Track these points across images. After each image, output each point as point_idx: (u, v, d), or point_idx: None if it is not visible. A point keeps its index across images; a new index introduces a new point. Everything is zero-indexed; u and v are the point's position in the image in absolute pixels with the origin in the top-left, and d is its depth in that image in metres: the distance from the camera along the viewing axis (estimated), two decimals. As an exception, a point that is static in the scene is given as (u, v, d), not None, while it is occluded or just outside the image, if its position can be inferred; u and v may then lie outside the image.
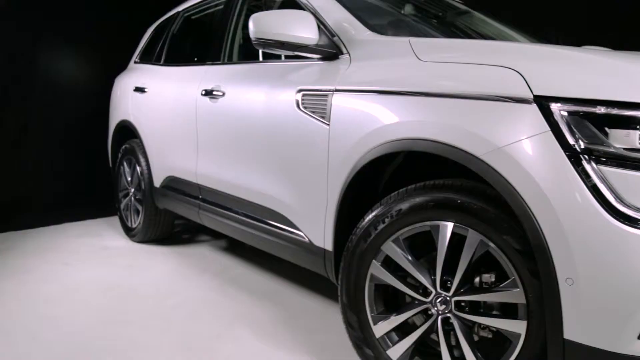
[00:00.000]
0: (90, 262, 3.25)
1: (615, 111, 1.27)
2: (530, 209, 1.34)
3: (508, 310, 1.55)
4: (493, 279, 1.57)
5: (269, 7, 2.78)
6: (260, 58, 2.81)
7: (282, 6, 2.52)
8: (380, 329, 1.73)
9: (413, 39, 1.81)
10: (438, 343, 1.65)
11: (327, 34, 2.09)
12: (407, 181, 1.72)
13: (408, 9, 2.65)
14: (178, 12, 3.58)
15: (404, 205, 1.64)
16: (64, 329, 2.30)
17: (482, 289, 1.57)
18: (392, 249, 1.68)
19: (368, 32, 2.01)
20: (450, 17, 2.85)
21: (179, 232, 4.03)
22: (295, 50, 2.04)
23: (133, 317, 2.42)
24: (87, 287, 2.82)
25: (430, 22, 2.68)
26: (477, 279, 1.59)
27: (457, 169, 1.56)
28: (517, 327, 1.49)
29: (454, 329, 1.61)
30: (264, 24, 2.00)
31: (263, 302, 2.62)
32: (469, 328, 1.60)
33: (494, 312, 1.59)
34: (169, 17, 3.69)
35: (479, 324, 1.61)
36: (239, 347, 2.13)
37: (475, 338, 1.65)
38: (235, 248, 3.55)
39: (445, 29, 2.65)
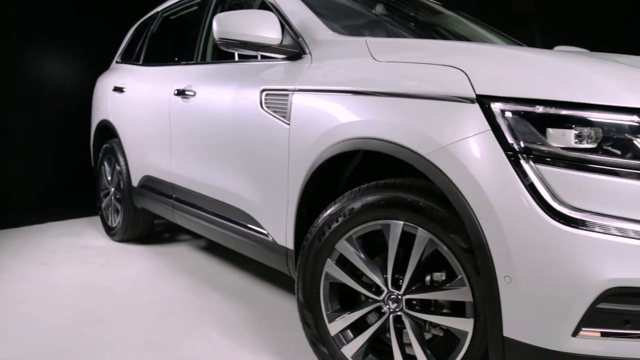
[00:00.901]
0: (69, 262, 3.26)
1: (552, 110, 1.28)
2: (471, 208, 1.35)
3: (458, 309, 1.56)
4: (444, 278, 1.58)
5: (241, 7, 2.78)
6: (236, 58, 2.82)
7: (254, 7, 2.53)
8: (335, 327, 1.74)
9: (370, 39, 1.82)
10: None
11: (291, 35, 2.11)
12: (370, 181, 1.73)
13: (379, 9, 2.66)
14: (157, 12, 3.59)
15: (357, 204, 1.65)
16: (33, 327, 2.31)
17: (433, 287, 1.58)
18: (346, 248, 1.69)
19: (330, 32, 2.02)
20: (422, 17, 2.85)
21: (159, 232, 4.04)
22: (258, 50, 2.05)
23: (104, 316, 2.44)
24: (62, 286, 2.83)
25: (400, 22, 2.69)
26: (428, 278, 1.60)
27: (415, 168, 1.56)
28: (465, 325, 1.50)
29: (406, 327, 1.62)
30: (227, 24, 2.01)
31: (234, 300, 2.63)
32: (420, 326, 1.62)
33: (444, 311, 1.60)
34: (149, 17, 3.70)
35: (430, 322, 1.62)
36: (204, 346, 2.14)
37: (428, 336, 1.67)
38: (214, 247, 3.56)
39: (415, 29, 2.66)
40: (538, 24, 3.99)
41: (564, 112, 1.27)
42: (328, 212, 1.73)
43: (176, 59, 3.02)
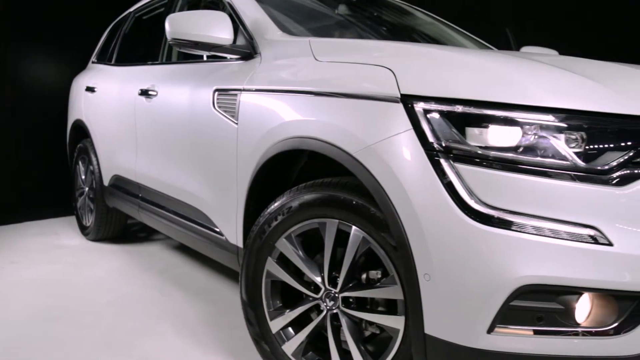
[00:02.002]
0: (39, 260, 3.28)
1: (471, 110, 1.29)
2: (394, 206, 1.36)
3: (392, 307, 1.57)
4: (379, 276, 1.59)
5: (205, 7, 2.79)
6: (205, 58, 2.83)
7: (212, 7, 2.54)
8: (276, 324, 1.75)
9: (313, 39, 1.83)
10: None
11: (244, 35, 2.12)
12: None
13: (342, 9, 2.68)
14: (130, 12, 3.61)
15: (294, 203, 1.67)
16: (-9, 325, 2.33)
17: (367, 285, 1.59)
18: (285, 246, 1.70)
19: (279, 33, 2.03)
20: (387, 18, 2.87)
21: (135, 231, 4.05)
22: (210, 50, 2.07)
23: (64, 314, 2.45)
24: (27, 285, 2.84)
25: (363, 22, 2.70)
26: (364, 276, 1.62)
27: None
28: (396, 322, 1.51)
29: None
30: (179, 24, 2.02)
31: (197, 299, 2.65)
32: (356, 324, 1.63)
33: (380, 309, 1.61)
34: (123, 17, 3.72)
35: (367, 320, 1.63)
36: (159, 344, 2.15)
37: (367, 333, 1.68)
38: (185, 247, 3.55)
39: (377, 30, 2.67)
40: (511, 29, 4.01)
41: (482, 111, 1.28)
42: (268, 210, 1.74)
43: (142, 59, 3.03)
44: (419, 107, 1.34)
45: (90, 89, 3.52)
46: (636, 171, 1.24)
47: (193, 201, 2.33)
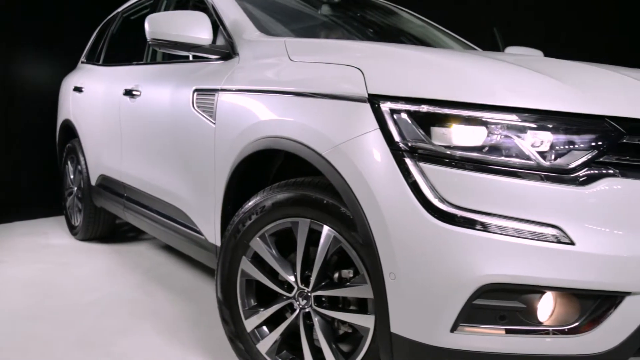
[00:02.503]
0: (26, 260, 3.29)
1: (437, 110, 1.30)
2: (360, 206, 1.36)
3: (363, 306, 1.58)
4: (351, 275, 1.60)
5: (187, 8, 2.80)
6: (190, 57, 2.84)
7: (195, 8, 2.55)
8: (251, 323, 1.76)
9: (289, 40, 1.84)
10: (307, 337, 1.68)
11: (224, 35, 2.13)
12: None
13: (325, 9, 2.68)
14: (118, 13, 3.62)
15: (268, 203, 1.67)
16: (-27, 324, 2.34)
17: (339, 284, 1.60)
18: (259, 245, 1.71)
19: (257, 33, 2.04)
20: (370, 17, 2.87)
21: (125, 231, 4.06)
22: (189, 51, 2.07)
23: (45, 313, 2.45)
24: (12, 284, 2.85)
25: (345, 22, 2.70)
26: (337, 275, 1.62)
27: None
28: (366, 321, 1.52)
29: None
30: (158, 25, 2.03)
31: (180, 298, 2.66)
32: (329, 323, 1.63)
33: (352, 308, 1.62)
34: (111, 18, 3.73)
35: (340, 319, 1.64)
36: (138, 342, 2.16)
37: (341, 332, 1.69)
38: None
39: (360, 30, 2.68)
40: (498, 29, 4.02)
41: (447, 111, 1.28)
42: (243, 209, 1.75)
43: (128, 59, 3.04)
44: (386, 106, 1.35)
45: (78, 89, 3.53)
46: (599, 171, 1.24)
47: (174, 201, 2.34)
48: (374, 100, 1.37)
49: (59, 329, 2.28)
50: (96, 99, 3.23)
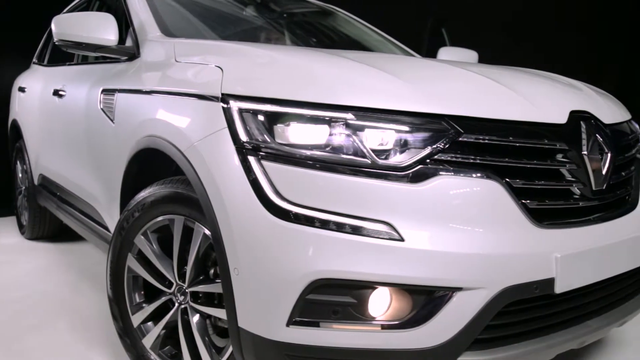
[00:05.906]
0: (-33, 258, 3.32)
1: (277, 109, 1.33)
2: (210, 202, 1.40)
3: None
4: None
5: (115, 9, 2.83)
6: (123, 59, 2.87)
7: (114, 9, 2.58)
8: (137, 318, 1.78)
9: (177, 41, 1.88)
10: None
11: (132, 35, 2.16)
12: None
13: (249, 10, 2.71)
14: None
15: (148, 200, 1.70)
16: None
17: (211, 280, 1.62)
18: (142, 242, 1.74)
19: (158, 34, 2.07)
20: (299, 18, 2.90)
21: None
22: (95, 51, 2.10)
23: (-33, 310, 2.49)
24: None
25: (262, 24, 2.73)
26: (212, 271, 1.65)
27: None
28: (230, 316, 1.54)
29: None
30: (65, 25, 2.06)
31: (106, 297, 2.67)
32: (204, 318, 1.66)
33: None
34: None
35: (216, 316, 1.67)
36: (46, 339, 2.19)
37: (222, 327, 1.72)
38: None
39: (273, 31, 2.71)
40: (447, 28, 4.06)
41: (287, 110, 1.32)
42: (128, 207, 1.78)
43: (62, 59, 3.07)
44: (235, 105, 1.38)
45: (21, 89, 3.57)
46: (435, 168, 1.27)
47: (89, 198, 2.37)
48: (225, 99, 1.40)
49: (-28, 326, 2.32)
50: (34, 99, 3.26)
